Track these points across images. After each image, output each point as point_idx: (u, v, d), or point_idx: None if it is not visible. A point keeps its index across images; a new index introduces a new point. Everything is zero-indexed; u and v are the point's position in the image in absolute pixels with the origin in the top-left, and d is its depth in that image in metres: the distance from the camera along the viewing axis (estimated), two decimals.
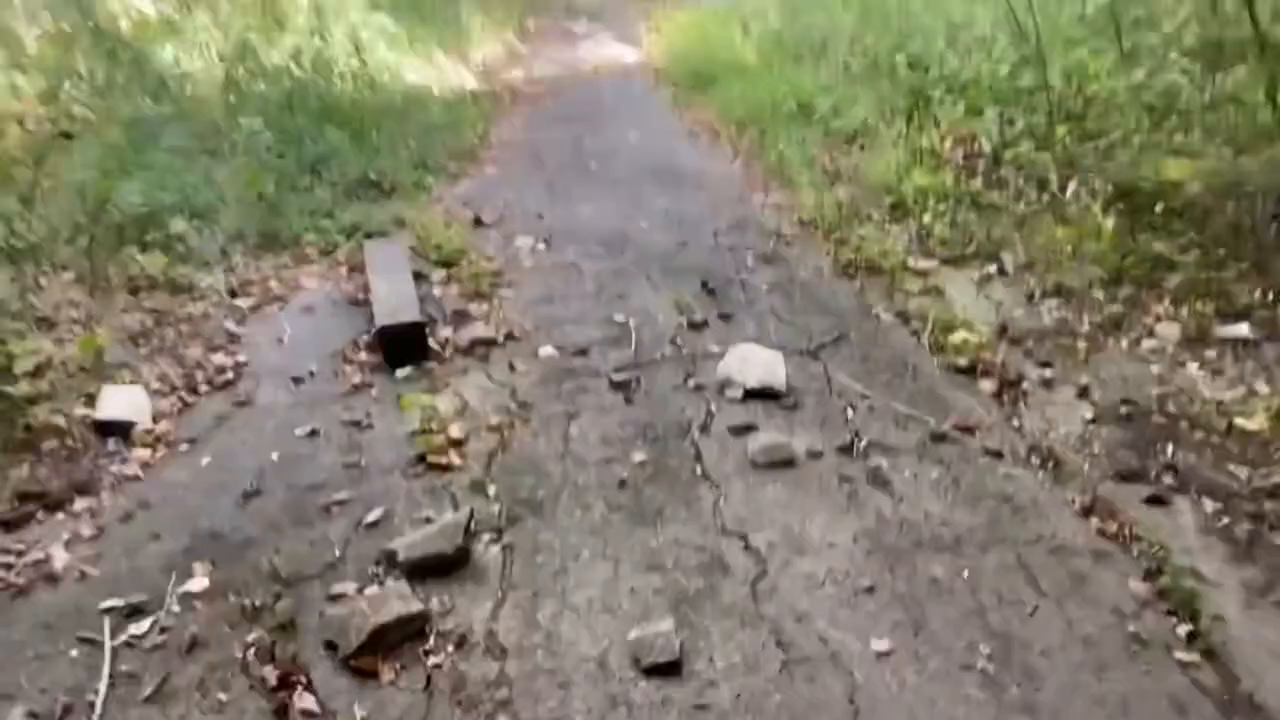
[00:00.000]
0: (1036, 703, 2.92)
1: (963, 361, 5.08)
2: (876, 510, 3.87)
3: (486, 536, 3.88)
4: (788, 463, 4.18)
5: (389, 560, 3.75)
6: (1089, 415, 4.59)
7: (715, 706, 2.96)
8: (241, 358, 5.68)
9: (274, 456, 4.59)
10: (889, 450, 4.29)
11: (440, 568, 3.67)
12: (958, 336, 5.30)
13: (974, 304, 5.79)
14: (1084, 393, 4.79)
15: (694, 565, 3.60)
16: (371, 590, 3.58)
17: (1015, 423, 4.56)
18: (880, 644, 3.16)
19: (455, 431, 4.64)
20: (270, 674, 3.23)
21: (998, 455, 4.26)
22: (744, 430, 4.45)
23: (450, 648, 3.30)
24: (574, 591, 3.51)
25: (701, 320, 5.66)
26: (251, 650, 3.34)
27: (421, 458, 4.45)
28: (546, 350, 5.45)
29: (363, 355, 5.58)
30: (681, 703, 2.99)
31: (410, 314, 5.57)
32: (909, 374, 5.01)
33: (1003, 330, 5.44)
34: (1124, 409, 4.62)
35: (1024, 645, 3.15)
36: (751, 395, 4.75)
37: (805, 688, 3.01)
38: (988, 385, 4.89)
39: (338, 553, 3.84)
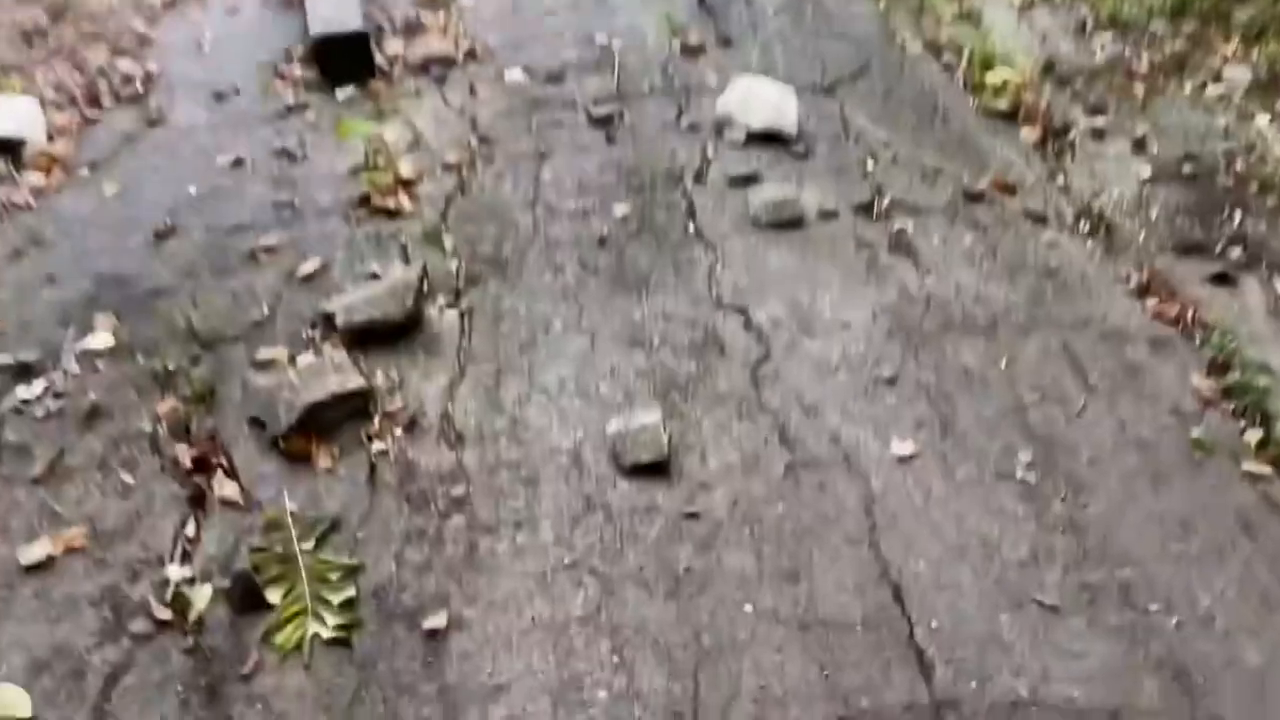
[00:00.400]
0: (1083, 520, 2.50)
1: (1001, 104, 4.36)
2: (899, 283, 3.31)
3: (441, 299, 3.29)
4: (796, 222, 3.56)
5: (326, 323, 3.17)
6: (1145, 173, 3.96)
7: (707, 515, 2.52)
8: (153, 66, 4.82)
9: (191, 189, 3.90)
10: (915, 210, 3.67)
11: (387, 335, 3.11)
12: (996, 74, 4.53)
13: (1016, 35, 4.96)
14: (1140, 146, 4.13)
15: (684, 343, 3.06)
16: (305, 359, 3.04)
17: (1061, 180, 3.93)
18: (902, 445, 2.69)
19: (405, 169, 3.94)
20: (184, 453, 2.74)
21: (1040, 220, 3.66)
22: (745, 181, 3.79)
23: (398, 431, 2.80)
24: (543, 369, 2.99)
25: (697, 44, 4.82)
26: (162, 424, 2.83)
27: (365, 199, 3.77)
28: (514, 74, 4.63)
29: (297, 70, 4.74)
30: (668, 509, 2.54)
31: (352, 21, 4.67)
32: (939, 118, 4.29)
33: (1048, 68, 4.67)
34: (1185, 167, 3.99)
35: (1069, 451, 2.70)
36: (755, 139, 4.04)
37: (813, 496, 2.57)
38: (1030, 134, 4.20)
39: (265, 310, 3.26)
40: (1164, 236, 3.60)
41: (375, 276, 3.39)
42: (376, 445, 2.76)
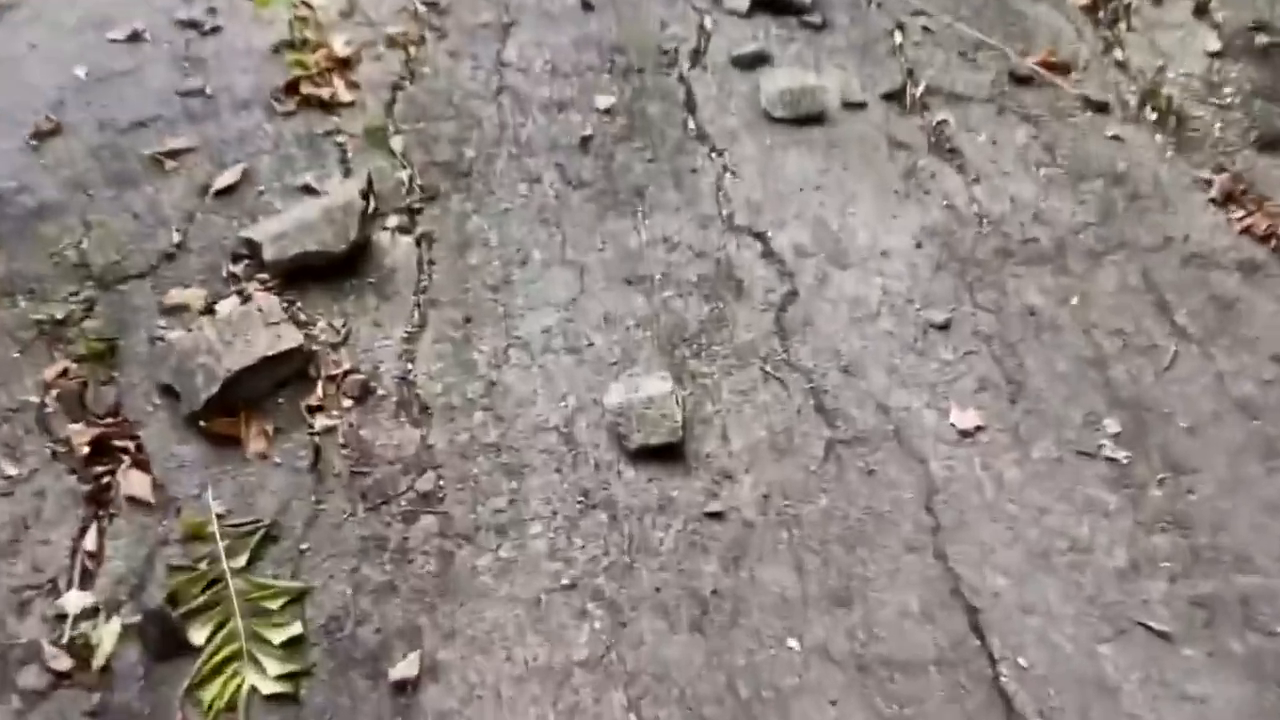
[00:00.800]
0: (1187, 511, 2.08)
1: None
2: (944, 195, 2.77)
3: (393, 220, 2.71)
4: (816, 117, 2.96)
5: (251, 255, 2.58)
6: (1212, 45, 3.39)
7: (734, 514, 2.05)
8: None
9: (79, 72, 3.20)
10: (955, 99, 3.08)
11: (327, 270, 2.54)
12: None
13: None
14: (1203, 10, 3.53)
15: (692, 279, 2.52)
16: (227, 305, 2.47)
17: (1119, 56, 3.34)
18: (963, 415, 2.22)
19: (339, 45, 3.25)
20: (80, 435, 2.21)
21: (1101, 108, 3.10)
22: (753, 62, 3.16)
23: (346, 402, 2.28)
24: (522, 316, 2.45)
25: None
26: (52, 394, 2.28)
27: (293, 86, 3.10)
28: None
29: None
30: (686, 507, 2.07)
31: None
32: None
33: None
34: (1258, 39, 3.41)
35: (1162, 417, 2.25)
36: (761, 5, 3.37)
37: (861, 485, 2.11)
38: None
39: (175, 236, 2.66)
40: (1241, 126, 3.07)
41: (309, 190, 2.78)
42: (321, 421, 2.24)
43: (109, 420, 2.26)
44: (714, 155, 2.87)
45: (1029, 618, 1.89)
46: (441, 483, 2.12)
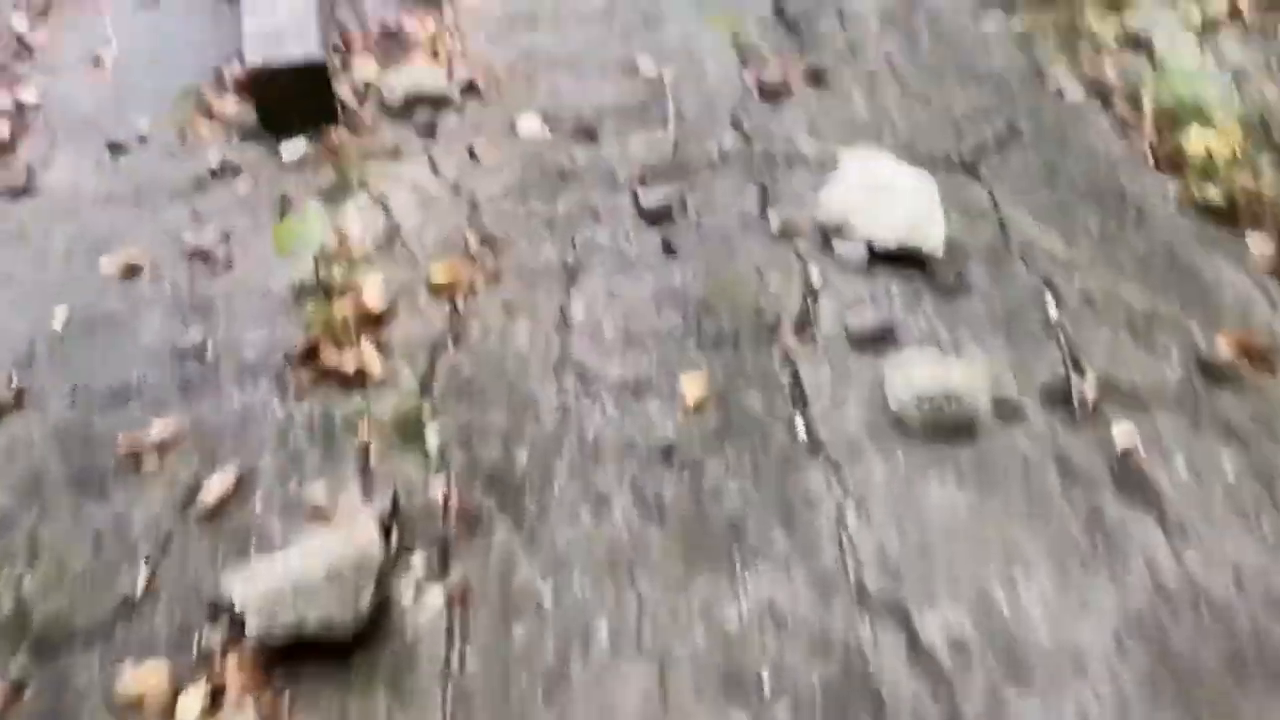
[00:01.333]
0: None
1: (1212, 194, 3.09)
2: (1144, 558, 2.10)
3: (419, 561, 2.10)
4: (964, 429, 2.33)
5: (230, 625, 1.98)
6: None
7: None
8: (29, 94, 3.53)
9: (57, 318, 2.71)
10: (1135, 401, 2.44)
11: (333, 653, 1.92)
12: (1193, 139, 3.27)
13: (1203, 73, 3.64)
14: None
15: (813, 686, 1.85)
16: (192, 702, 1.86)
17: None
18: None
19: (373, 293, 2.70)
20: None
21: None
22: (875, 339, 2.55)
23: None
24: None
25: (779, 81, 3.49)
26: None
27: (312, 351, 2.55)
28: (529, 123, 3.34)
29: (230, 104, 3.45)
30: None
31: (304, 41, 3.33)
32: (1130, 216, 3.03)
33: (1261, 127, 3.39)
34: None
35: None
36: (882, 258, 2.78)
37: None
38: (1261, 246, 2.94)
39: (143, 576, 2.08)
40: None
41: (318, 513, 2.20)
42: None
43: None
44: (831, 476, 2.24)
45: None
46: None
